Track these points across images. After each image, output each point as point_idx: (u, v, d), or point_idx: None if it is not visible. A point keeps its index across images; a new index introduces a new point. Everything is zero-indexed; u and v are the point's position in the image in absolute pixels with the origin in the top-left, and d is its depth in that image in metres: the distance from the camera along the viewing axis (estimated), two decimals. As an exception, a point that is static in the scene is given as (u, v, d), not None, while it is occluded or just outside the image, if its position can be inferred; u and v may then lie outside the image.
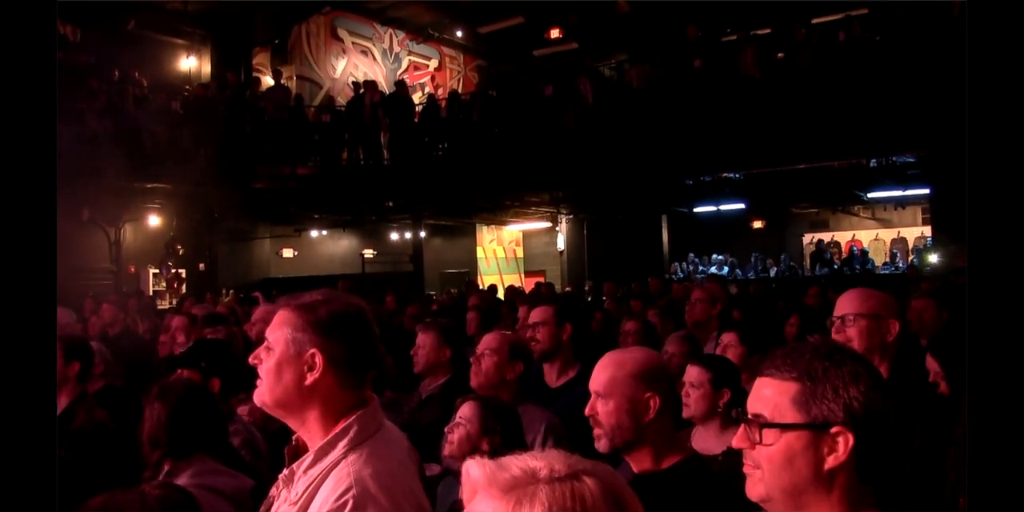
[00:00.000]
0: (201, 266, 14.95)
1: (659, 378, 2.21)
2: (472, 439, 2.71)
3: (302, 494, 1.73)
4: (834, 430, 1.39)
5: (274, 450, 3.10)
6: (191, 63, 16.46)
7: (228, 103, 14.15)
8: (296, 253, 17.52)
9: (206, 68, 16.52)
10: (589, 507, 0.96)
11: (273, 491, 1.84)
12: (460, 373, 3.89)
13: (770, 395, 1.43)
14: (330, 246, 18.62)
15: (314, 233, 17.88)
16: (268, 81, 16.32)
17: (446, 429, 2.80)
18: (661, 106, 12.23)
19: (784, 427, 1.40)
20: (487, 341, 3.44)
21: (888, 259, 17.94)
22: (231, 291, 13.19)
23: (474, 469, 1.02)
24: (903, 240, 18.68)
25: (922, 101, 10.29)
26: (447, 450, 2.77)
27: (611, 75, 14.30)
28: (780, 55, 11.98)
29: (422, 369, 4.14)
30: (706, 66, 12.05)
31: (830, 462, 1.39)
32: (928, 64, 10.35)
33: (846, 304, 2.80)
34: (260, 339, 4.01)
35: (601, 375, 2.21)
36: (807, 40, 11.61)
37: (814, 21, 12.73)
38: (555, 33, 19.35)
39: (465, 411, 2.79)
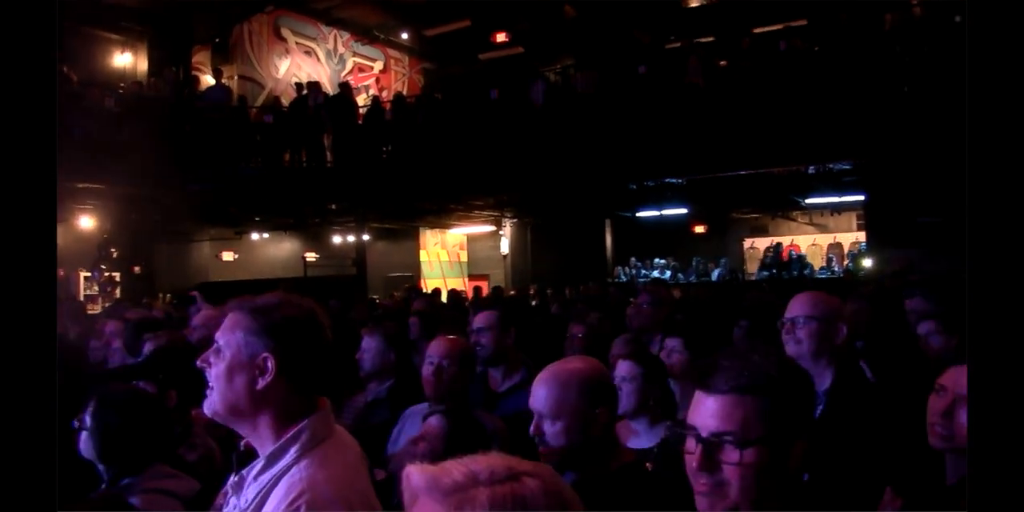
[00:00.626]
0: (136, 269, 14.60)
1: (605, 389, 2.18)
2: (437, 455, 2.65)
3: (252, 500, 1.69)
4: (797, 438, 1.42)
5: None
6: (126, 59, 16.06)
7: (167, 102, 13.87)
8: (236, 256, 17.24)
9: (143, 65, 16.14)
10: (530, 507, 0.96)
11: (220, 499, 1.79)
12: (405, 376, 3.86)
13: (734, 412, 1.41)
14: (272, 249, 18.36)
15: (255, 236, 17.61)
16: (208, 80, 16.03)
17: (411, 439, 2.75)
18: (606, 111, 12.31)
19: (757, 443, 1.40)
20: (445, 350, 3.33)
21: (824, 263, 18.31)
22: (168, 295, 12.91)
23: (415, 475, 1.02)
24: (839, 245, 19.11)
25: (858, 111, 10.55)
26: (409, 461, 2.69)
27: (556, 80, 14.35)
28: (723, 63, 12.15)
29: (368, 372, 4.12)
30: (651, 73, 12.17)
31: (790, 469, 1.42)
32: (864, 75, 10.62)
33: (797, 307, 2.83)
34: (202, 344, 3.91)
35: (545, 394, 2.13)
36: (750, 49, 11.81)
37: (756, 31, 12.96)
38: (501, 37, 19.40)
39: (432, 425, 2.72)
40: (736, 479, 1.39)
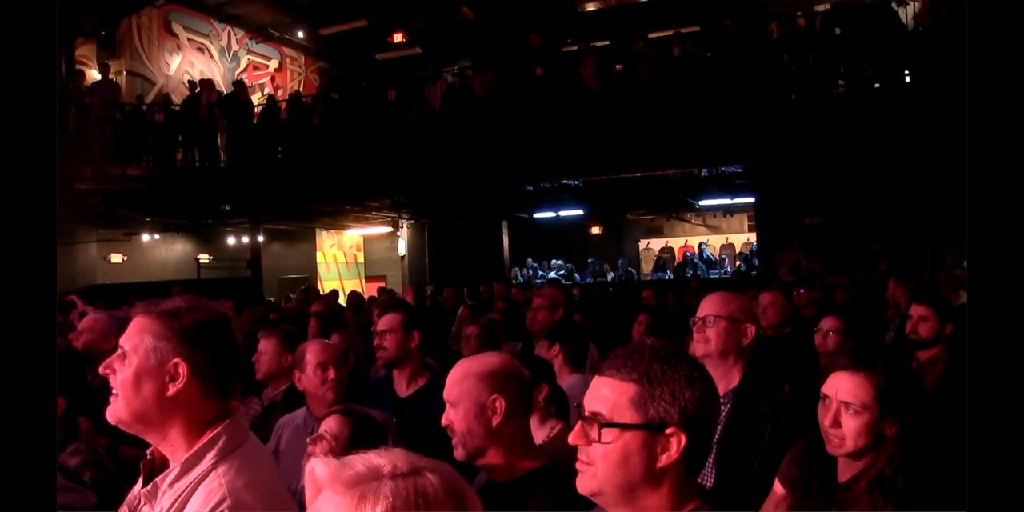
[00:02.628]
0: (16, 272, 13.90)
1: (506, 380, 2.19)
2: (338, 455, 2.62)
3: (168, 509, 1.64)
4: (669, 431, 1.44)
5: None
6: (2, 51, 15.27)
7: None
8: (126, 258, 16.63)
9: (21, 58, 15.37)
10: (431, 501, 0.98)
11: (122, 510, 1.72)
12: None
13: (609, 394, 1.47)
14: (163, 251, 17.79)
15: (146, 237, 17.03)
16: (94, 75, 15.40)
17: (308, 440, 2.72)
18: (503, 113, 12.37)
19: (622, 427, 1.44)
20: (297, 355, 3.47)
21: (717, 263, 18.78)
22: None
23: (319, 467, 1.03)
24: (731, 245, 19.64)
25: (748, 116, 10.90)
26: (307, 462, 2.67)
27: (454, 81, 14.36)
28: (619, 67, 12.36)
29: (264, 376, 4.06)
30: (547, 75, 12.29)
31: (663, 461, 1.44)
32: (753, 82, 10.99)
33: (708, 306, 2.86)
34: (88, 349, 3.77)
35: (451, 383, 2.19)
36: (644, 53, 12.05)
37: (650, 35, 13.23)
38: (399, 37, 19.29)
39: (331, 424, 2.71)
40: (600, 458, 1.44)
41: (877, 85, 10.84)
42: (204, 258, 17.37)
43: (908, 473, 1.98)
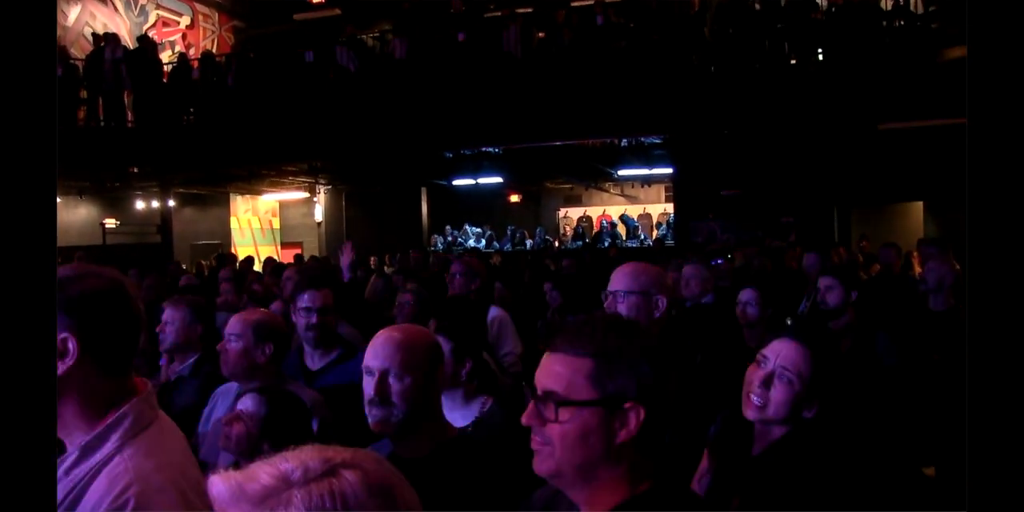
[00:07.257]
0: None
1: (440, 351, 2.19)
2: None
3: (65, 498, 1.50)
4: (627, 405, 1.39)
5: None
6: None
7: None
8: (22, 222, 15.91)
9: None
10: (352, 504, 0.89)
11: None
12: (210, 351, 3.65)
13: (564, 372, 1.41)
14: (65, 215, 17.10)
15: (44, 200, 16.31)
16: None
17: (224, 420, 2.59)
18: (423, 78, 12.18)
19: (580, 404, 1.39)
20: (230, 326, 3.21)
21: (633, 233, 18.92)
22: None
23: (218, 485, 0.91)
24: (648, 216, 19.83)
25: (668, 87, 10.97)
26: (222, 443, 2.53)
27: (374, 45, 14.05)
28: (541, 35, 12.27)
29: (170, 347, 3.87)
30: (469, 40, 12.12)
31: (622, 436, 1.40)
32: (674, 54, 11.06)
33: (618, 280, 2.83)
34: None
35: (392, 351, 2.07)
36: (567, 21, 11.97)
37: (574, 4, 13.15)
38: (317, -3, 18.80)
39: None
40: (557, 438, 1.39)
41: (793, 62, 11.05)
42: (111, 223, 16.79)
43: (814, 468, 1.99)
